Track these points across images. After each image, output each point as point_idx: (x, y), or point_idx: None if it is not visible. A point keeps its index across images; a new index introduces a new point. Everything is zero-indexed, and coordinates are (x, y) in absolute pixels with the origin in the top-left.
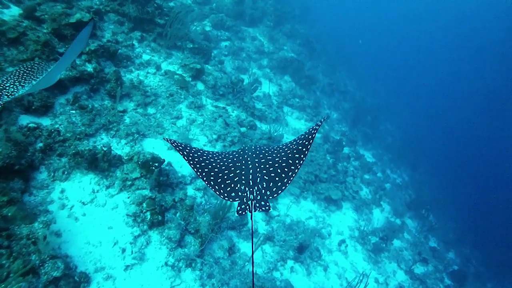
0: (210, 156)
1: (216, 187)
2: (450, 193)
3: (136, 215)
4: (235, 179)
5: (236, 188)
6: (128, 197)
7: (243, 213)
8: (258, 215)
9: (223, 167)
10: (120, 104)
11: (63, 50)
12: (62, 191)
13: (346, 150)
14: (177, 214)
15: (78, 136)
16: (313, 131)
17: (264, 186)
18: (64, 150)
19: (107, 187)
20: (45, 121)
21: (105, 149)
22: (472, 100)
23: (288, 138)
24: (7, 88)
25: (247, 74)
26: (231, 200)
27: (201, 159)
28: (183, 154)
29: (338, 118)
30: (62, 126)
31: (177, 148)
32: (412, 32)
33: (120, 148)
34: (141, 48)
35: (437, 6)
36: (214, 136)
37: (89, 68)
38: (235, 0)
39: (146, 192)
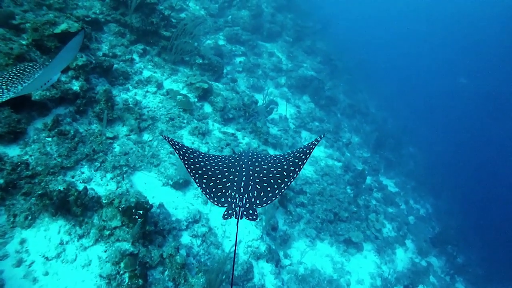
0: (206, 158)
1: (207, 190)
2: (476, 222)
3: (111, 277)
4: (227, 185)
5: (227, 194)
6: (105, 251)
7: (229, 217)
8: (266, 267)
9: (217, 171)
10: (110, 128)
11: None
12: (22, 242)
13: (368, 179)
14: (165, 273)
15: (51, 170)
16: (311, 146)
17: (255, 194)
18: (32, 189)
19: (80, 237)
20: (12, 151)
21: (79, 190)
22: (503, 121)
23: (305, 169)
24: None
25: (263, 93)
26: (219, 205)
27: (196, 160)
28: (178, 154)
29: (359, 143)
30: (32, 157)
31: (174, 147)
32: (435, 47)
33: (104, 184)
34: (142, 63)
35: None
36: None
37: (75, 86)
38: (253, 13)
39: (127, 245)
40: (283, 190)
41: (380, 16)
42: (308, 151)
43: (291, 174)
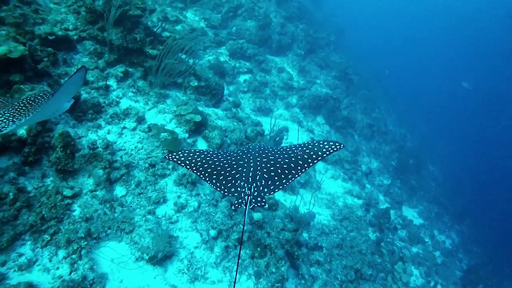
0: (214, 155)
1: (218, 184)
2: (507, 250)
3: None
4: (236, 175)
5: (236, 184)
6: None
7: (239, 206)
8: None
9: (226, 165)
10: (71, 182)
11: None
12: None
13: (391, 214)
14: None
15: None
16: (325, 152)
17: (263, 183)
18: None
19: None
20: None
21: None
22: None
23: (321, 214)
24: (1, 122)
25: (271, 116)
26: (230, 194)
27: (203, 161)
28: (186, 167)
29: (379, 168)
30: None
31: (181, 164)
32: (447, 51)
33: (53, 267)
34: (120, 90)
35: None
36: (212, 233)
37: (21, 130)
38: (260, 23)
39: None
40: (290, 181)
41: (390, 23)
42: (320, 154)
43: (299, 167)
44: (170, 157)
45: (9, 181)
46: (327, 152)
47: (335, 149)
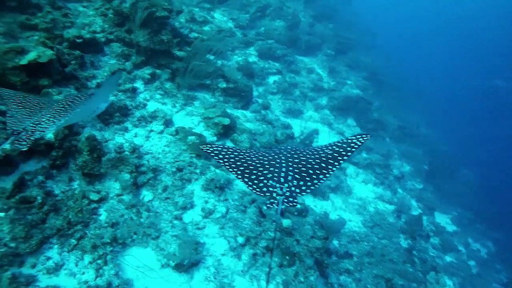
0: (247, 154)
1: (250, 182)
2: None
3: None
4: (268, 175)
5: (268, 183)
6: None
7: (271, 206)
8: None
9: (258, 164)
10: (98, 186)
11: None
12: None
13: (423, 220)
14: None
15: None
16: (353, 145)
17: (295, 183)
18: None
19: None
20: None
21: None
22: None
23: (352, 220)
24: (42, 123)
25: (301, 117)
26: (262, 194)
27: (236, 158)
28: (219, 160)
29: (410, 172)
30: None
31: (212, 154)
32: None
33: (79, 271)
34: (148, 93)
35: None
36: (240, 240)
37: (49, 134)
38: (289, 23)
39: None
40: (321, 181)
41: (422, 24)
42: (349, 149)
43: (330, 166)
44: (205, 148)
45: (37, 184)
46: (355, 146)
47: (362, 141)
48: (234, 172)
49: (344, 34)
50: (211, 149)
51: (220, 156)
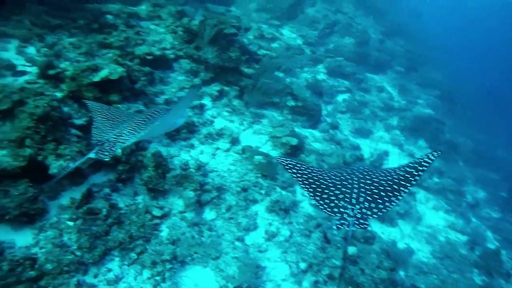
0: (319, 172)
1: (321, 202)
2: None
3: None
4: (340, 196)
5: (339, 204)
6: None
7: (341, 227)
8: None
9: (330, 184)
10: (161, 202)
11: (81, 122)
12: None
13: (502, 254)
14: None
15: (64, 269)
16: (424, 164)
17: (366, 206)
18: None
19: None
20: (23, 238)
21: None
22: None
23: (421, 250)
24: (124, 135)
25: (371, 138)
26: (332, 214)
27: (309, 175)
28: (293, 175)
29: (486, 199)
30: (42, 250)
31: (288, 170)
32: None
33: (138, 286)
34: (215, 109)
35: None
36: (302, 265)
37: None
38: (358, 40)
39: None
40: (393, 204)
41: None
42: (420, 169)
43: (402, 188)
44: (280, 160)
45: (103, 196)
46: (426, 164)
47: (432, 158)
48: (306, 189)
49: (414, 49)
50: (286, 161)
51: (295, 170)
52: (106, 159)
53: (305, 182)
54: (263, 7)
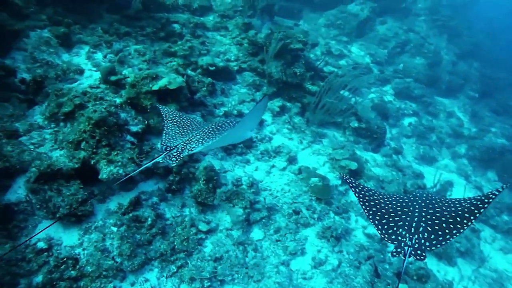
0: (380, 196)
1: (379, 226)
2: None
3: None
4: (399, 223)
5: (398, 232)
6: None
7: (397, 255)
8: None
9: (390, 209)
10: (209, 216)
11: (136, 129)
12: None
13: None
14: None
15: (103, 273)
16: (491, 195)
17: (425, 236)
18: None
19: None
20: (69, 237)
21: None
22: None
23: None
24: (192, 143)
25: (435, 166)
26: (390, 241)
27: (371, 198)
28: (355, 194)
29: None
30: (85, 252)
31: (352, 188)
32: None
33: None
34: (275, 126)
35: None
36: None
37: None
38: (429, 61)
39: None
40: (454, 236)
41: None
42: (486, 201)
43: (465, 221)
44: (346, 178)
45: (151, 205)
46: (492, 196)
47: (496, 193)
48: (366, 212)
49: (490, 73)
50: (350, 180)
51: (358, 190)
52: (172, 165)
53: (366, 204)
54: (332, 22)
